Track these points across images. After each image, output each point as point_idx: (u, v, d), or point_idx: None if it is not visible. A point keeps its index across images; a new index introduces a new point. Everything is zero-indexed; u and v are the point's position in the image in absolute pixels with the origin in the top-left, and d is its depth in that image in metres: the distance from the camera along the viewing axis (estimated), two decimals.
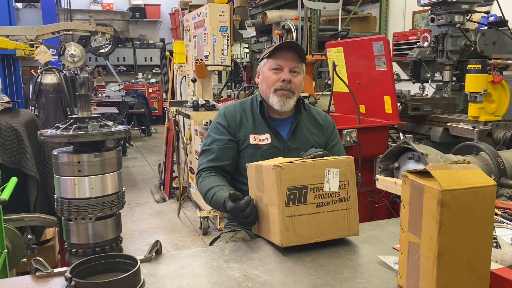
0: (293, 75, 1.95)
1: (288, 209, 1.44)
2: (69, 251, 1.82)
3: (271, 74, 1.96)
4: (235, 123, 1.99)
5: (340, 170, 1.49)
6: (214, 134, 2.00)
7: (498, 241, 1.37)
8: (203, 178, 1.93)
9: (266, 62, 1.99)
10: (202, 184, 1.92)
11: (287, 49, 1.95)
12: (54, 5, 7.34)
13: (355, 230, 1.53)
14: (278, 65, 1.95)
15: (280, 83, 1.93)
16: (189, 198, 5.28)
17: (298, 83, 1.96)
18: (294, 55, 1.95)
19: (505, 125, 2.90)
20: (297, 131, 2.01)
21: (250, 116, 2.01)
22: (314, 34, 6.18)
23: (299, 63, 1.97)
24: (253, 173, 1.61)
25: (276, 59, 1.95)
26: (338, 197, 1.49)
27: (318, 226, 1.47)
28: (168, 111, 5.22)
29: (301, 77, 1.99)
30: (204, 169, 1.96)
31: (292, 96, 1.95)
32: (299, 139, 2.00)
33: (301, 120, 2.03)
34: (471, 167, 1.13)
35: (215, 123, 2.04)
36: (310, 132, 2.04)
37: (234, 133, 1.98)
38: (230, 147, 1.96)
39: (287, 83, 1.93)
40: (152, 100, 11.82)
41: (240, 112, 2.03)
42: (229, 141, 1.97)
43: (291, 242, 1.44)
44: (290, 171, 1.44)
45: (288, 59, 1.94)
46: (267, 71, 1.98)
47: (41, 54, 3.76)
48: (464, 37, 3.34)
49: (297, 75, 1.96)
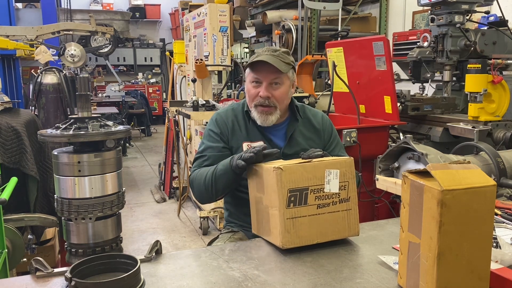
0: (273, 87, 1.86)
1: (289, 211, 1.43)
2: (69, 251, 1.82)
3: (251, 87, 1.90)
4: (227, 130, 1.94)
5: (340, 171, 1.49)
6: (208, 142, 1.95)
7: (498, 241, 1.37)
8: (198, 170, 1.88)
9: (249, 72, 1.92)
10: (198, 174, 1.86)
11: (264, 62, 1.84)
12: (54, 5, 7.34)
13: (355, 230, 1.53)
14: (256, 79, 1.88)
15: (259, 98, 1.86)
16: (189, 198, 5.28)
17: (279, 95, 1.87)
18: (273, 67, 1.83)
19: (505, 125, 2.90)
20: (293, 139, 1.95)
21: (242, 123, 1.96)
22: (314, 34, 6.18)
23: (279, 74, 1.86)
24: (253, 174, 1.60)
25: (255, 71, 1.88)
26: (338, 198, 1.49)
27: (318, 228, 1.47)
28: (168, 111, 5.22)
29: (284, 88, 1.89)
30: (197, 168, 1.93)
31: (274, 112, 1.88)
32: (295, 147, 1.93)
33: (295, 127, 1.96)
34: (471, 167, 1.13)
35: (208, 130, 1.98)
36: (306, 138, 1.97)
37: (227, 140, 1.93)
38: (224, 154, 1.90)
39: (265, 99, 1.85)
40: (152, 100, 11.82)
41: (232, 118, 1.97)
42: (223, 148, 1.92)
43: (292, 244, 1.44)
44: (290, 172, 1.43)
45: (267, 72, 1.85)
46: (248, 83, 1.92)
47: (41, 54, 3.76)
48: (464, 37, 3.34)
49: (279, 87, 1.87)
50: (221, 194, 1.87)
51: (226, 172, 1.73)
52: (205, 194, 1.85)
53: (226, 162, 1.75)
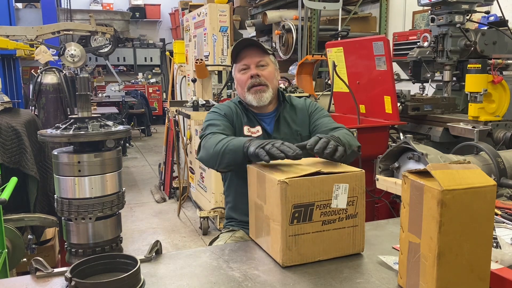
0: (260, 69, 1.99)
1: (292, 228, 1.33)
2: (69, 251, 1.82)
3: (240, 75, 2.02)
4: (231, 111, 2.03)
5: (350, 186, 1.38)
6: (213, 118, 1.99)
7: (498, 241, 1.37)
8: (213, 135, 1.84)
9: (235, 67, 2.05)
10: (211, 140, 1.80)
11: (247, 47, 2.00)
12: (54, 5, 7.34)
13: (360, 247, 1.44)
14: (244, 65, 2.00)
15: (250, 80, 1.97)
16: (189, 198, 5.28)
17: (267, 74, 1.99)
18: (256, 50, 2.00)
19: (505, 125, 2.90)
20: (280, 123, 2.04)
21: (242, 110, 2.06)
22: (314, 34, 6.18)
23: (263, 56, 2.00)
24: (254, 178, 1.51)
25: (240, 60, 2.01)
26: (345, 214, 1.39)
27: (322, 245, 1.38)
28: (168, 111, 5.22)
29: (270, 68, 2.01)
30: (213, 132, 1.87)
31: (266, 89, 1.98)
32: (283, 131, 2.02)
33: (282, 112, 2.06)
34: (471, 167, 1.13)
35: (211, 112, 2.04)
36: (293, 121, 2.05)
37: (231, 120, 2.00)
38: (230, 127, 1.98)
39: (256, 77, 1.96)
40: (152, 100, 11.82)
41: (234, 106, 2.07)
42: (228, 122, 1.99)
43: (293, 261, 1.36)
44: (296, 187, 1.32)
45: (251, 55, 1.99)
46: (237, 74, 2.03)
47: (41, 54, 3.76)
48: (464, 37, 3.34)
49: (265, 67, 2.00)
50: (224, 168, 1.80)
51: (237, 151, 1.66)
52: (210, 160, 1.80)
53: (241, 140, 1.66)
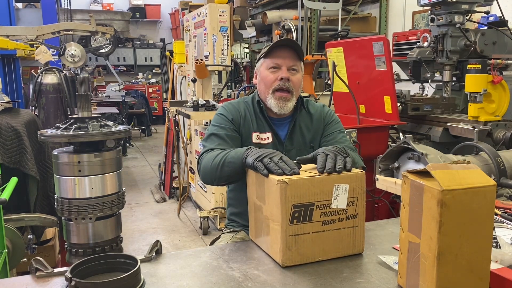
0: (291, 73, 1.88)
1: (291, 228, 1.33)
2: (69, 251, 1.82)
3: (268, 73, 1.90)
4: (239, 116, 1.93)
5: (350, 186, 1.37)
6: (218, 124, 1.91)
7: (498, 241, 1.37)
8: (210, 151, 1.78)
9: (263, 61, 1.93)
10: (209, 155, 1.75)
11: (284, 47, 1.89)
12: (54, 5, 7.34)
13: (360, 247, 1.44)
14: (276, 64, 1.88)
15: (278, 82, 1.86)
16: (189, 198, 5.28)
17: (296, 82, 1.89)
18: (292, 53, 1.89)
19: (505, 125, 2.90)
20: (294, 132, 1.95)
21: (253, 114, 1.96)
22: (314, 34, 6.18)
23: (297, 61, 1.91)
24: (253, 179, 1.50)
25: (273, 57, 1.89)
26: (345, 214, 1.39)
27: (322, 245, 1.38)
28: (168, 111, 5.22)
29: (300, 76, 1.92)
30: (211, 149, 1.81)
31: (291, 98, 1.88)
32: (296, 140, 1.94)
33: (297, 120, 1.97)
34: (471, 167, 1.13)
35: (218, 115, 1.95)
36: (308, 130, 1.97)
37: (238, 126, 1.91)
38: (236, 136, 1.89)
39: (285, 81, 1.86)
40: (152, 100, 11.82)
41: (244, 107, 1.96)
42: (234, 130, 1.90)
43: (293, 262, 1.36)
44: (296, 187, 1.32)
45: (286, 57, 1.88)
46: (265, 70, 1.91)
47: (41, 54, 3.76)
48: (464, 37, 3.34)
49: (296, 73, 1.90)
50: (224, 182, 1.77)
51: (236, 162, 1.60)
52: (208, 176, 1.76)
53: (239, 151, 1.62)
